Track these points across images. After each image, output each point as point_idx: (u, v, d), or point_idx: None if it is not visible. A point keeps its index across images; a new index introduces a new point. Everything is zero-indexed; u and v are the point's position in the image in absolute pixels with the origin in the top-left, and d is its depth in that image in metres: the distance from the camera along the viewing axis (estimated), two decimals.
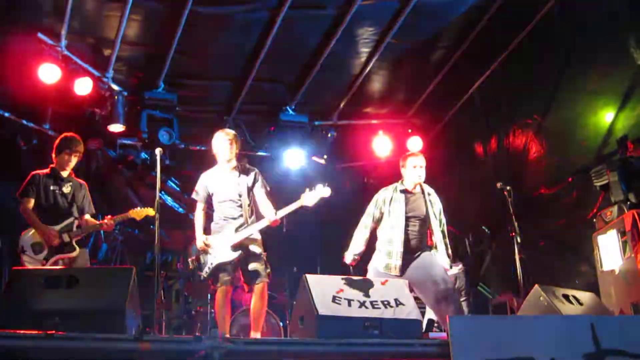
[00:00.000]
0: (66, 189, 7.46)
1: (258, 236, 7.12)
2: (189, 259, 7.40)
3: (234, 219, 7.07)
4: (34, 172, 7.44)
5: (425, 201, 7.17)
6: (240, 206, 7.10)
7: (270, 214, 6.97)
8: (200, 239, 7.05)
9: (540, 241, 9.51)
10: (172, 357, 4.52)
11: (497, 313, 9.05)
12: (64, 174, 7.49)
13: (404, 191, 7.20)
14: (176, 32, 9.03)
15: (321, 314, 5.17)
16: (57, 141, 7.57)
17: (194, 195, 7.36)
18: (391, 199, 7.21)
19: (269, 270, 7.02)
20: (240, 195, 7.12)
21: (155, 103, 10.20)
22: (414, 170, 7.21)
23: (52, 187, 7.38)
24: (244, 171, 7.27)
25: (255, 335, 6.79)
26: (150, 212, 7.61)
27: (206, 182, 7.26)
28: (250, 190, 7.18)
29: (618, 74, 8.54)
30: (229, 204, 7.13)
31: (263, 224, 6.98)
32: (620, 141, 8.16)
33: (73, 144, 7.54)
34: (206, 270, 6.98)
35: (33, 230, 7.22)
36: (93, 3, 8.63)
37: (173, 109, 10.33)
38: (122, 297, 4.94)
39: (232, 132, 7.48)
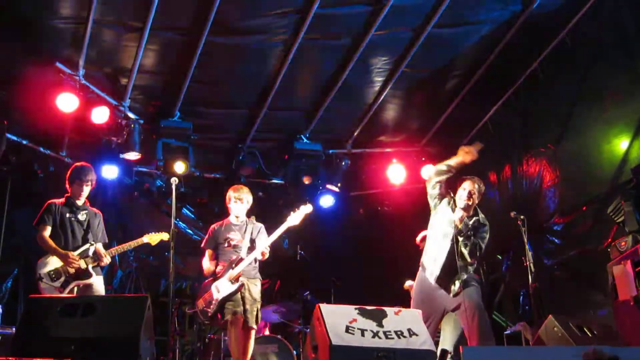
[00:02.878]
0: (81, 216, 7.56)
1: (258, 283, 7.69)
2: (197, 302, 7.76)
3: (236, 258, 7.58)
4: (50, 201, 7.55)
5: None
6: (242, 249, 7.65)
7: (261, 247, 7.57)
8: (209, 279, 7.66)
9: (554, 271, 9.47)
10: None
11: (511, 343, 8.99)
12: (79, 202, 7.59)
13: None
14: (192, 61, 9.13)
15: (335, 344, 5.18)
16: (69, 172, 7.69)
17: (204, 245, 7.89)
18: None
19: (259, 317, 7.60)
20: (243, 244, 7.69)
21: (170, 131, 10.28)
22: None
23: (68, 215, 7.48)
24: (251, 227, 7.86)
25: None
26: (165, 237, 7.71)
27: (216, 235, 7.83)
28: (252, 240, 7.75)
29: (632, 102, 8.52)
30: (232, 252, 7.67)
31: (255, 254, 7.54)
32: (635, 170, 8.14)
33: (84, 173, 7.65)
34: (212, 307, 7.46)
35: (50, 257, 7.29)
36: (110, 33, 8.74)
37: (188, 137, 10.41)
38: (137, 326, 4.96)
39: (244, 191, 7.95)
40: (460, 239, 6.91)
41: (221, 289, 7.46)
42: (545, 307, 7.81)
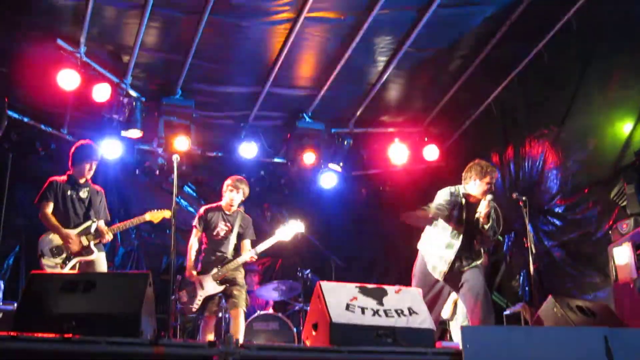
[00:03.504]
0: (83, 194, 7.55)
1: (242, 273, 8.01)
2: (180, 293, 8.01)
3: (222, 255, 7.88)
4: (51, 178, 7.54)
5: None
6: (229, 245, 7.94)
7: (250, 252, 7.89)
8: (191, 272, 7.87)
9: (555, 252, 9.47)
10: None
11: (510, 323, 9.02)
12: (81, 180, 7.57)
13: None
14: (194, 39, 9.10)
15: (335, 321, 5.18)
16: (74, 150, 7.66)
17: (195, 223, 8.07)
18: None
19: (247, 299, 7.88)
20: (231, 237, 7.97)
21: (172, 109, 10.27)
22: None
23: (69, 192, 7.47)
24: (240, 218, 8.08)
25: None
26: (167, 214, 7.75)
27: (206, 217, 8.05)
28: (240, 235, 8.06)
29: (637, 85, 8.49)
30: (220, 242, 7.95)
31: (244, 258, 7.87)
32: (638, 153, 8.12)
33: (89, 152, 7.65)
34: (196, 303, 7.80)
35: (51, 234, 7.29)
36: (112, 10, 8.70)
37: (190, 115, 10.39)
38: (138, 302, 4.96)
39: (243, 183, 8.14)
40: (487, 233, 6.90)
41: (206, 286, 7.79)
42: (545, 288, 7.82)
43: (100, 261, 7.52)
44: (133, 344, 4.54)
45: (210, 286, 7.77)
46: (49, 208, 7.38)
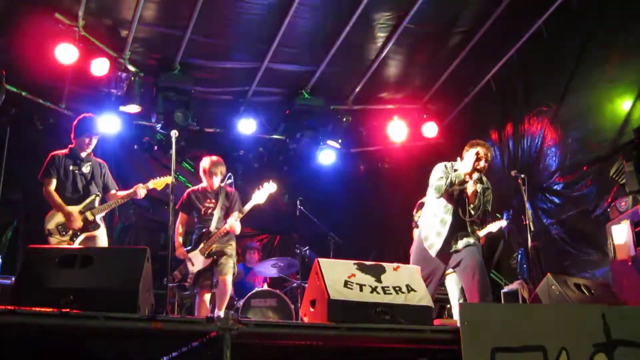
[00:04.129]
0: (85, 168, 7.51)
1: (232, 243, 8.13)
2: (174, 273, 8.11)
3: (207, 230, 8.02)
4: (53, 153, 7.47)
5: None
6: (213, 221, 8.05)
7: (229, 221, 7.96)
8: (180, 250, 8.05)
9: (553, 230, 9.48)
10: (183, 337, 4.55)
11: (508, 301, 9.03)
12: (83, 154, 7.53)
13: None
14: (193, 14, 9.04)
15: (333, 298, 5.18)
16: (76, 123, 7.61)
17: (180, 208, 8.21)
18: None
19: (234, 267, 8.02)
20: (215, 212, 8.08)
21: (171, 85, 10.23)
22: None
23: (71, 167, 7.43)
24: (225, 195, 8.18)
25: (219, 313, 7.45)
26: (169, 180, 7.67)
27: (192, 199, 8.18)
28: (227, 210, 8.17)
29: (636, 63, 8.47)
30: (207, 219, 8.08)
31: (223, 230, 7.94)
32: (637, 131, 8.11)
33: (91, 126, 7.59)
34: (189, 280, 8.01)
35: (57, 212, 7.27)
36: None
37: (189, 90, 10.36)
38: (136, 277, 4.95)
39: (220, 166, 8.20)
40: (471, 212, 6.87)
41: (195, 262, 7.96)
42: (543, 266, 7.84)
43: (101, 236, 7.52)
44: (131, 319, 4.55)
45: (199, 261, 7.95)
46: (52, 185, 7.31)
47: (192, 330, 4.52)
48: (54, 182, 7.33)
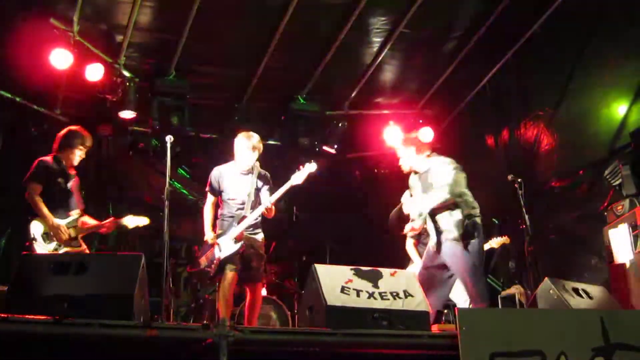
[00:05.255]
0: (69, 183, 7.39)
1: (261, 237, 7.45)
2: (199, 260, 7.58)
3: (240, 213, 7.35)
4: (42, 159, 7.32)
5: None
6: (246, 205, 7.36)
7: (263, 204, 7.24)
8: (209, 235, 7.38)
9: (550, 234, 9.48)
10: (179, 344, 4.52)
11: (506, 306, 9.02)
12: (70, 168, 7.42)
13: None
14: (188, 19, 9.01)
15: (330, 304, 5.16)
16: (65, 134, 7.49)
17: (208, 189, 7.57)
18: None
19: (265, 272, 7.50)
20: (248, 196, 7.38)
21: (166, 90, 10.18)
22: None
23: (59, 180, 7.29)
24: (257, 175, 7.53)
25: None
26: (143, 222, 7.56)
27: (219, 178, 7.49)
28: (258, 190, 7.49)
29: (632, 67, 8.49)
30: (238, 203, 7.39)
31: (258, 211, 7.26)
32: (633, 134, 8.11)
33: (82, 140, 7.47)
34: (213, 267, 7.28)
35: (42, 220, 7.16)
36: None
37: (184, 96, 10.32)
38: (131, 284, 4.93)
39: (256, 138, 7.59)
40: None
41: (223, 248, 7.27)
42: (540, 271, 7.80)
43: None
44: (126, 326, 4.52)
45: (228, 246, 7.23)
46: (38, 191, 7.10)
47: (188, 338, 4.50)
48: (40, 188, 7.13)
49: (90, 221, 7.48)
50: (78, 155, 7.43)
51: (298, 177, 7.51)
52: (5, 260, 9.52)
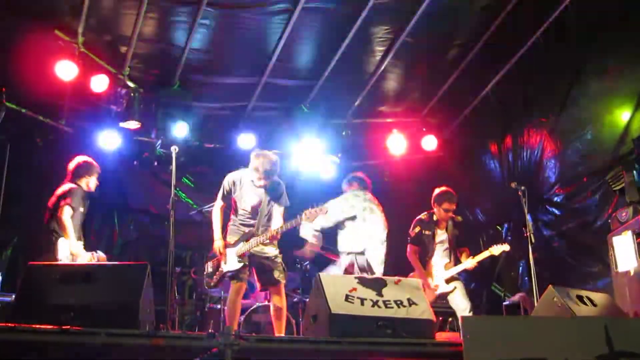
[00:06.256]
0: (85, 209, 7.70)
1: (272, 251, 7.40)
2: (207, 263, 7.63)
3: (248, 227, 7.36)
4: (77, 186, 7.74)
5: None
6: (257, 216, 7.34)
7: (274, 226, 7.27)
8: (217, 243, 7.38)
9: (554, 241, 9.48)
10: (184, 353, 4.54)
11: (510, 313, 9.02)
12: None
13: None
14: (192, 30, 9.06)
15: (334, 312, 5.18)
16: (82, 163, 7.89)
17: (220, 193, 7.54)
18: None
19: (284, 272, 7.37)
20: (260, 206, 7.35)
21: (170, 100, 10.23)
22: None
23: (81, 209, 7.59)
24: (271, 186, 7.45)
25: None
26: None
27: (235, 183, 7.47)
28: (269, 202, 7.40)
29: (634, 73, 8.48)
30: (247, 215, 7.39)
31: (266, 236, 7.19)
32: (636, 141, 8.10)
33: (96, 168, 7.95)
34: (215, 278, 7.44)
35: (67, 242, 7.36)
36: (109, 1, 8.66)
37: (188, 106, 10.36)
38: (136, 294, 4.96)
39: (276, 158, 7.49)
40: None
41: (228, 261, 7.30)
42: (545, 278, 7.80)
43: None
44: (132, 335, 4.54)
45: (232, 262, 7.26)
46: (70, 215, 7.47)
47: (193, 346, 4.51)
48: (72, 213, 7.47)
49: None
50: (96, 181, 7.87)
51: (309, 216, 7.18)
52: (12, 270, 9.55)
